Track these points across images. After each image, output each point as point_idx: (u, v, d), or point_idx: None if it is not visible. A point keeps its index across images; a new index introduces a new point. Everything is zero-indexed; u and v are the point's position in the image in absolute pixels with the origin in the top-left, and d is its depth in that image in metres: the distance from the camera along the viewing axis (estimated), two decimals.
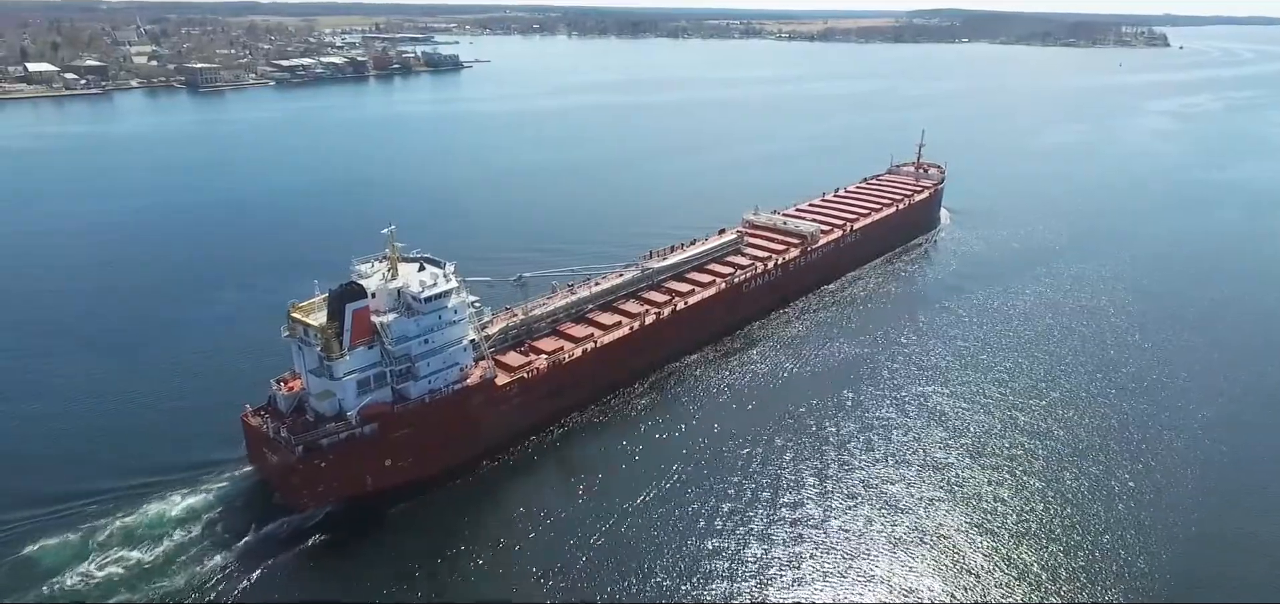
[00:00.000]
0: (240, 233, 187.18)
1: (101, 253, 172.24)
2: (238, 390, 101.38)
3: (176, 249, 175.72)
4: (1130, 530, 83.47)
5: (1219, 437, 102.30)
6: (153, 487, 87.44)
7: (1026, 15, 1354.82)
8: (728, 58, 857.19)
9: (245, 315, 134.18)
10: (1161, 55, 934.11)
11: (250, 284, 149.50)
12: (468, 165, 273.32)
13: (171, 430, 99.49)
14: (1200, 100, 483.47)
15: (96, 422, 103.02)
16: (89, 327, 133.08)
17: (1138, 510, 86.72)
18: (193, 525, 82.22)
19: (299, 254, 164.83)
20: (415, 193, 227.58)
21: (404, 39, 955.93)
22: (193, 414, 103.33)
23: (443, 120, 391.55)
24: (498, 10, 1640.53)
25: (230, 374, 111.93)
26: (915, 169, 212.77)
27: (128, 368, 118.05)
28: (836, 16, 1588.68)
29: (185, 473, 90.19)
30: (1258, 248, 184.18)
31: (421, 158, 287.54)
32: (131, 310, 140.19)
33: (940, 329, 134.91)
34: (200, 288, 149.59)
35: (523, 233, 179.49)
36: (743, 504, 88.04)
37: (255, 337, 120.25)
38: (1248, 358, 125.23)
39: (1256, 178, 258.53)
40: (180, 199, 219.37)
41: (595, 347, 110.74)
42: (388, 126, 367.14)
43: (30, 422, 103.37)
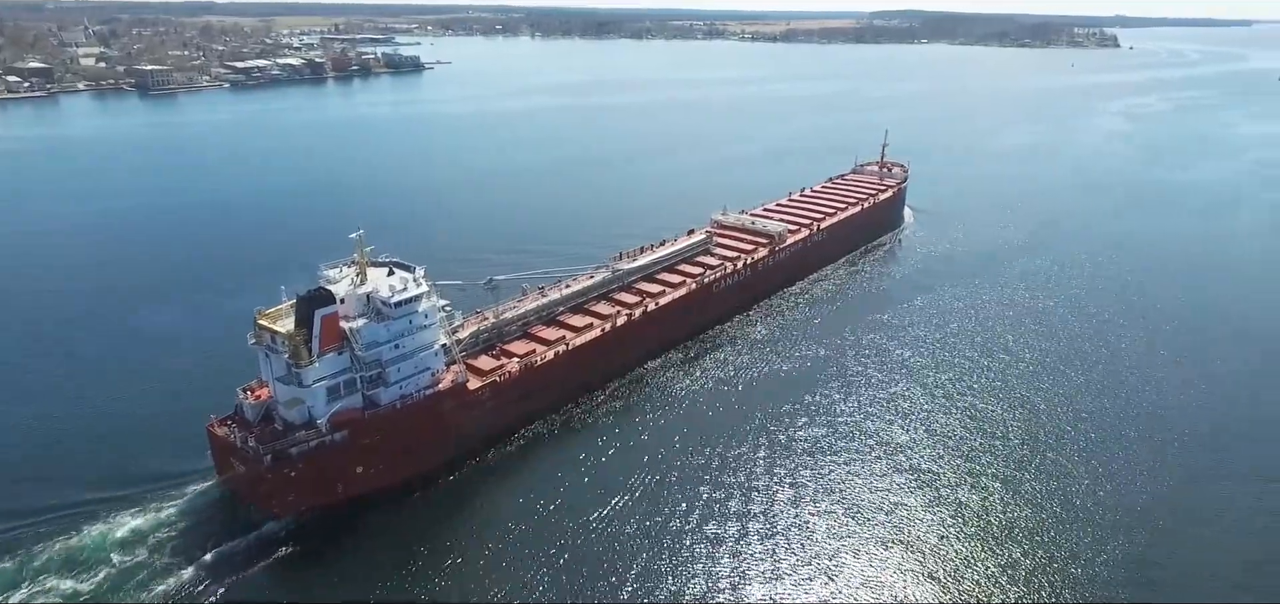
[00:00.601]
0: (200, 238, 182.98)
1: (51, 260, 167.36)
2: (202, 399, 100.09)
3: (133, 255, 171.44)
4: (1087, 528, 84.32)
5: (1173, 434, 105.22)
6: (115, 500, 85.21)
7: (983, 16, 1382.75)
8: (692, 59, 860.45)
9: (208, 322, 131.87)
10: (1113, 56, 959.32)
11: (213, 290, 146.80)
12: (433, 168, 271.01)
13: (134, 442, 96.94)
14: (1150, 101, 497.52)
15: (55, 434, 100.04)
16: (41, 336, 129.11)
17: (1095, 509, 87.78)
18: (161, 538, 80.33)
19: (262, 259, 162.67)
20: (381, 196, 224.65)
21: (364, 40, 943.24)
22: (155, 424, 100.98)
23: (405, 123, 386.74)
24: (460, 10, 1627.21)
25: (194, 383, 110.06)
26: (880, 168, 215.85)
27: (85, 378, 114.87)
28: (798, 17, 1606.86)
29: (150, 485, 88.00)
30: (1210, 249, 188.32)
31: (386, 161, 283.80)
32: (88, 319, 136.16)
33: (905, 329, 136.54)
34: (161, 294, 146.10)
35: (492, 235, 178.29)
36: (714, 508, 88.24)
37: (219, 344, 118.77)
38: (1201, 357, 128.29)
39: (1206, 179, 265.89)
40: (134, 204, 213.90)
41: (567, 349, 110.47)
42: (348, 129, 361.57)
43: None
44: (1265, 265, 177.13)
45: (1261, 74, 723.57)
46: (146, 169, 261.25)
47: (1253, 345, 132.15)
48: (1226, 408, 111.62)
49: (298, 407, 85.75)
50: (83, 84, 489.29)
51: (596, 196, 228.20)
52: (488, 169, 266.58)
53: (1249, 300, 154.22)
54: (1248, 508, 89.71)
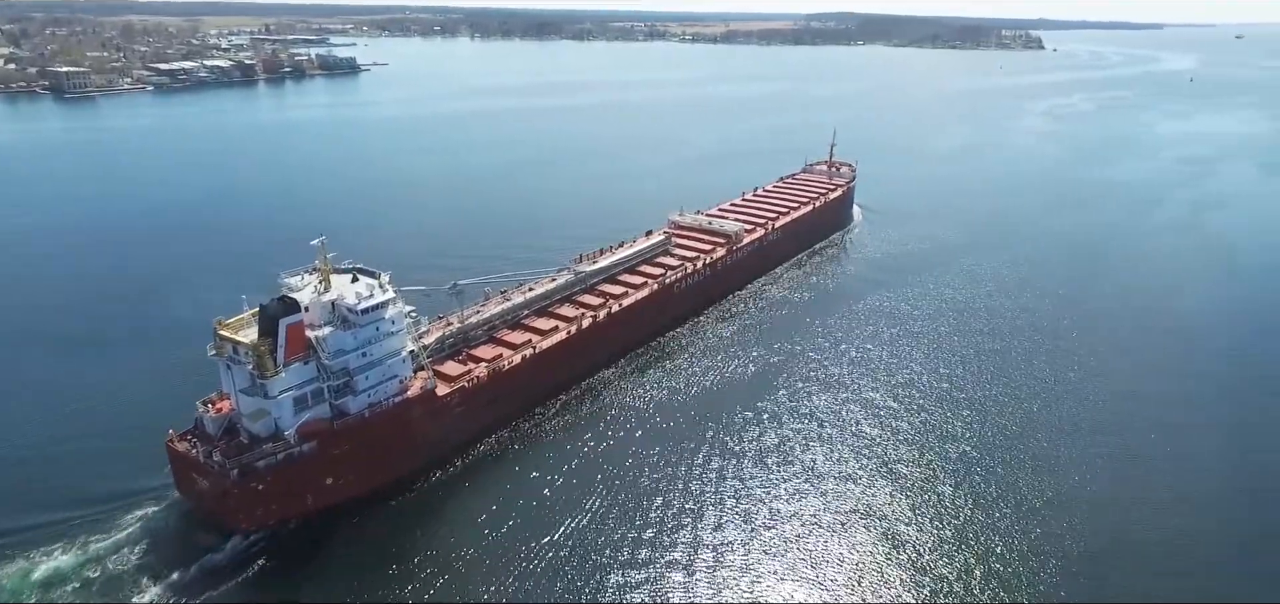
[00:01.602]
0: (141, 249, 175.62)
1: None
2: (156, 414, 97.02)
3: (67, 267, 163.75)
4: (1037, 530, 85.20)
5: (1113, 430, 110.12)
6: (71, 522, 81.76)
7: (916, 19, 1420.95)
8: (635, 60, 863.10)
9: (159, 335, 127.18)
10: (1038, 57, 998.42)
11: (160, 302, 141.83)
12: (381, 172, 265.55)
13: (85, 462, 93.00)
14: (1074, 101, 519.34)
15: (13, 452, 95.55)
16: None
17: (1043, 510, 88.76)
18: (119, 560, 77.42)
19: (212, 268, 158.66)
20: (332, 202, 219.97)
21: (296, 41, 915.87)
22: (107, 442, 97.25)
23: (345, 126, 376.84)
24: (397, 11, 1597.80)
25: (146, 397, 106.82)
26: (828, 168, 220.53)
27: (27, 397, 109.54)
28: (737, 18, 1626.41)
29: (104, 506, 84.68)
30: (1138, 243, 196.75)
31: (332, 165, 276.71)
32: (24, 336, 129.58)
33: (857, 329, 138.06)
34: (105, 308, 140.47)
35: (449, 239, 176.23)
36: (687, 509, 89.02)
37: (172, 357, 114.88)
38: (1135, 348, 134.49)
39: (1131, 176, 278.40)
40: (66, 214, 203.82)
41: (534, 352, 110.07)
42: (287, 133, 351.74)
43: None
44: (1189, 256, 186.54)
45: (1173, 74, 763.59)
46: (76, 177, 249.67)
47: (1178, 331, 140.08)
48: (1163, 397, 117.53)
49: (263, 419, 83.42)
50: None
51: (551, 199, 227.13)
52: (439, 173, 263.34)
53: (1176, 290, 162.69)
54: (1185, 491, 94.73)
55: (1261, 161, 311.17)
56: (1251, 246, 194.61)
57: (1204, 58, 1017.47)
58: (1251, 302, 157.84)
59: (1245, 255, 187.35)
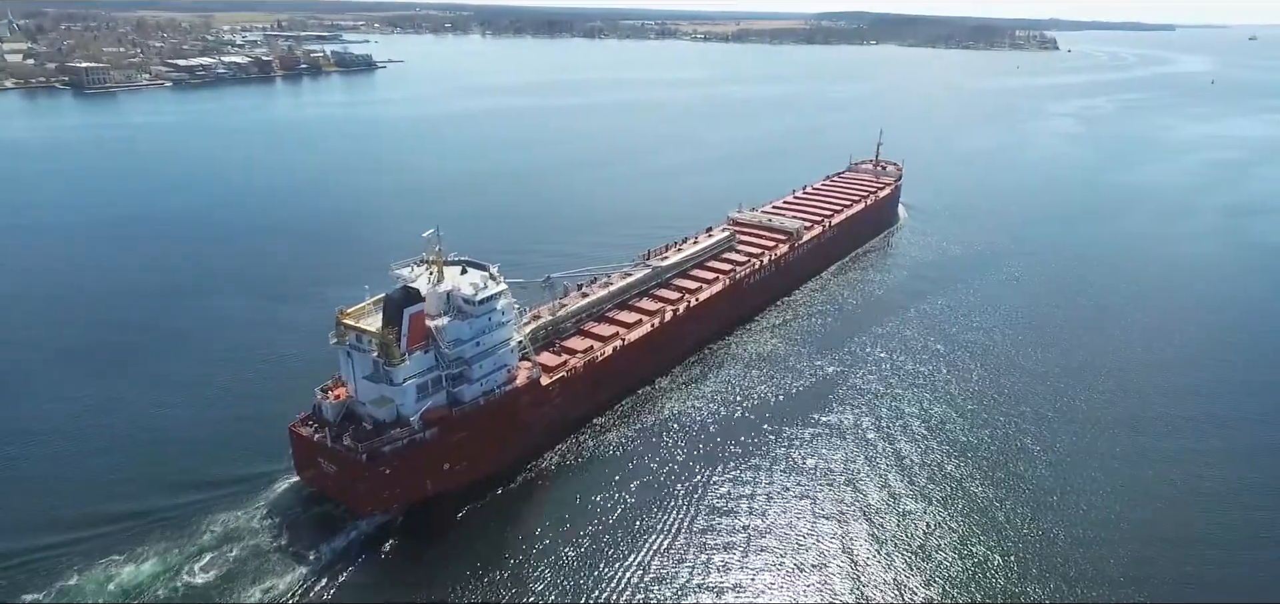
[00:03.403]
0: (202, 245, 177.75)
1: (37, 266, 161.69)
2: (265, 400, 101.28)
3: (140, 263, 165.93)
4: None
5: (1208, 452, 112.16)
6: (201, 503, 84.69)
7: (929, 18, 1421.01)
8: (648, 59, 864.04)
9: (253, 327, 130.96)
10: (1053, 58, 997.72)
11: (241, 294, 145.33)
12: (414, 170, 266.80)
13: (206, 446, 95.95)
14: (1098, 103, 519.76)
15: (121, 442, 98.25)
16: (65, 350, 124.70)
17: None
18: (257, 539, 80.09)
19: (267, 263, 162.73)
20: (385, 198, 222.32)
21: (310, 37, 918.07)
22: (217, 428, 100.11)
23: (370, 124, 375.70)
24: (408, 8, 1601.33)
25: (246, 387, 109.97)
26: (874, 166, 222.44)
27: (135, 385, 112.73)
28: (748, 17, 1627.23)
29: (229, 489, 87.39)
30: (1180, 249, 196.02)
31: (364, 162, 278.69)
32: (113, 327, 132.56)
33: (920, 332, 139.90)
34: (186, 301, 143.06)
35: (505, 237, 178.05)
36: (787, 496, 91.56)
37: (269, 347, 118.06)
38: (1199, 359, 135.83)
39: (1165, 180, 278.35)
40: (122, 210, 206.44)
41: (623, 344, 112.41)
42: (317, 130, 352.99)
43: (44, 443, 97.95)
44: (1236, 264, 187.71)
45: (1191, 76, 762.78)
46: (123, 173, 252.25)
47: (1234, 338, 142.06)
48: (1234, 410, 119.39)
49: (386, 406, 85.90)
50: (10, 82, 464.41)
51: (595, 197, 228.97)
52: (477, 170, 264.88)
53: (1227, 297, 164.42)
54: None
55: None
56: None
57: (1221, 59, 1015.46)
58: None
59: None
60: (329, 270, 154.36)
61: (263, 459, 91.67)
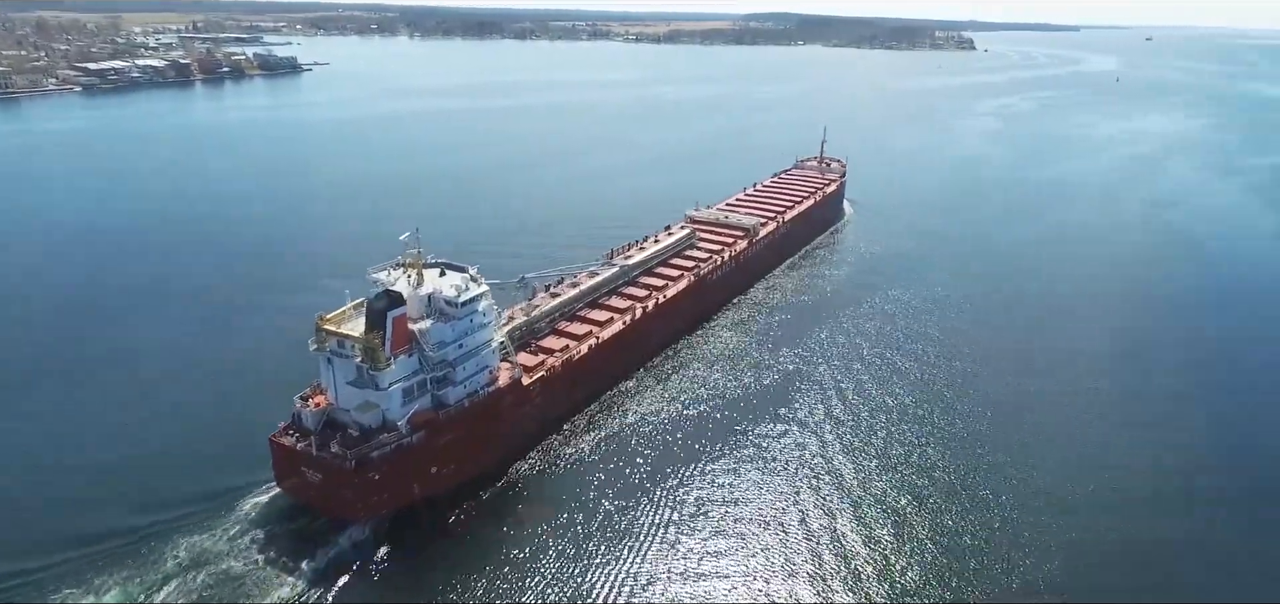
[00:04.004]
0: (153, 254, 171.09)
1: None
2: (228, 414, 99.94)
3: (80, 273, 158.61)
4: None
5: None
6: (175, 522, 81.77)
7: (853, 19, 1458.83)
8: (581, 59, 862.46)
9: (207, 339, 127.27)
10: (972, 58, 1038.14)
11: (199, 305, 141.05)
12: (368, 172, 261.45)
13: (178, 462, 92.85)
14: (1015, 101, 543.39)
15: (91, 460, 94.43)
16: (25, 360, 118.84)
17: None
18: (238, 556, 77.99)
19: (221, 272, 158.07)
20: (329, 202, 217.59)
21: (229, 40, 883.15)
22: (189, 443, 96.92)
23: (301, 128, 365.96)
24: (331, 8, 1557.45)
25: (220, 397, 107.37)
26: (819, 163, 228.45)
27: (90, 403, 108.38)
28: (678, 18, 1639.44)
29: (206, 505, 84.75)
30: (1106, 241, 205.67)
31: (309, 167, 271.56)
32: (55, 343, 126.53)
33: (883, 317, 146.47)
34: (136, 315, 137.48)
35: (476, 236, 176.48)
36: (762, 488, 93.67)
37: (229, 358, 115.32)
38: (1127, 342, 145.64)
39: (1084, 175, 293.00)
40: (47, 221, 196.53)
41: (598, 342, 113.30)
42: (248, 134, 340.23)
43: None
44: (1155, 252, 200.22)
45: (1100, 75, 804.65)
46: (46, 181, 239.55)
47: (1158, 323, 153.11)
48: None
49: (371, 411, 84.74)
50: None
51: (547, 198, 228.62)
52: (423, 173, 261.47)
53: (1150, 284, 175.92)
54: None
55: (1202, 160, 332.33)
56: (1209, 238, 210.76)
57: (1123, 59, 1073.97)
58: (1225, 290, 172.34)
59: (1206, 248, 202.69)
60: (287, 278, 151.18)
61: (240, 472, 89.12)
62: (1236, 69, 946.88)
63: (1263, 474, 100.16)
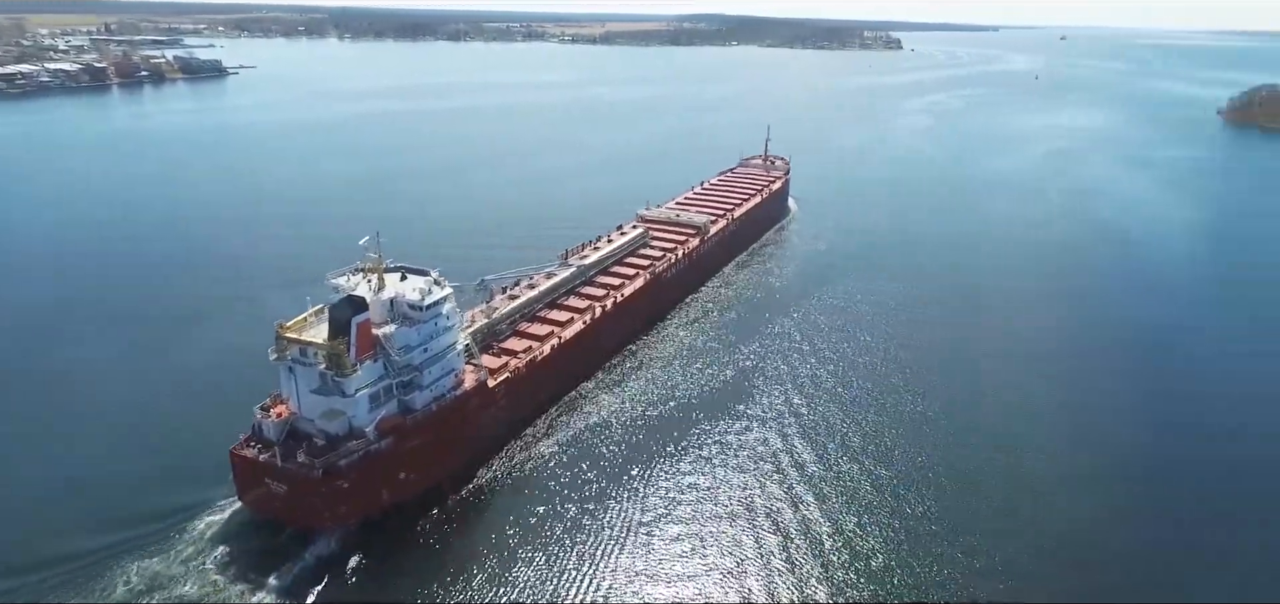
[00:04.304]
0: (92, 266, 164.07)
1: None
2: (183, 428, 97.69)
3: None
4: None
5: None
6: (133, 542, 79.24)
7: (785, 21, 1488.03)
8: (517, 61, 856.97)
9: (151, 355, 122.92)
10: (900, 57, 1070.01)
11: (136, 321, 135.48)
12: (308, 176, 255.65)
13: (131, 479, 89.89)
14: (944, 98, 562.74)
15: (32, 483, 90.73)
16: None
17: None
18: (200, 575, 75.86)
19: (184, 281, 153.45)
20: (270, 207, 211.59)
21: (146, 42, 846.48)
22: (153, 459, 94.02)
23: (236, 132, 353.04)
24: (255, 10, 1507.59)
25: (170, 413, 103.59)
26: (763, 162, 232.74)
27: (39, 423, 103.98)
28: (613, 19, 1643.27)
29: (165, 523, 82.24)
30: (1033, 231, 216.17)
31: (244, 173, 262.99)
32: None
33: (832, 311, 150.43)
34: (85, 330, 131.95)
35: (427, 239, 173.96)
36: (725, 484, 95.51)
37: (179, 372, 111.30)
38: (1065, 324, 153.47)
39: (1010, 169, 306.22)
40: None
41: (560, 342, 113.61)
42: (171, 140, 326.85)
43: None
44: (1079, 239, 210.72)
45: (1020, 73, 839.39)
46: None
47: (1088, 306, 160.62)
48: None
49: (337, 419, 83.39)
50: None
51: (496, 200, 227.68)
52: (367, 176, 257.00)
53: (1077, 271, 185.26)
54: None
55: (1118, 153, 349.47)
56: (1130, 225, 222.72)
57: (1040, 57, 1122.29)
58: (1146, 274, 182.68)
59: (1127, 233, 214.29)
60: (234, 288, 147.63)
61: (197, 488, 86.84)
62: (1140, 66, 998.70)
63: (1185, 445, 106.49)
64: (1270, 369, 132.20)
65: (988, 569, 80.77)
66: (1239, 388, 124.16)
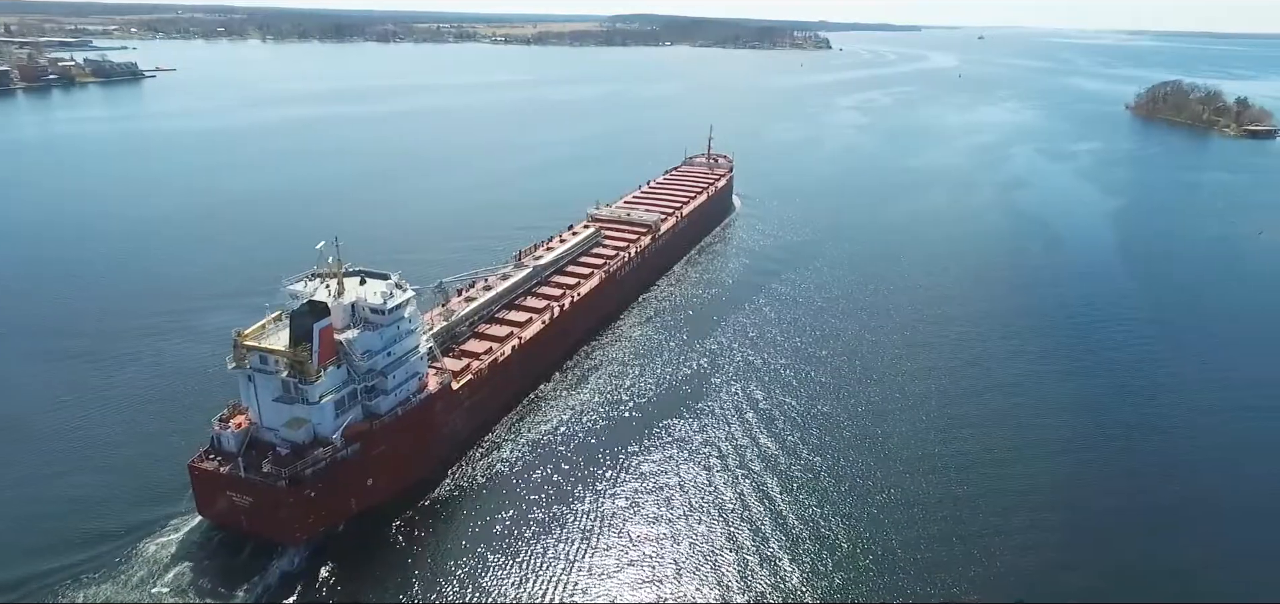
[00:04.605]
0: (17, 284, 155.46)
1: None
2: (146, 439, 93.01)
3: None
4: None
5: None
6: (91, 562, 76.09)
7: (716, 21, 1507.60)
8: (451, 63, 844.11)
9: (97, 371, 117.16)
10: (829, 56, 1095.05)
11: (83, 336, 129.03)
12: (246, 185, 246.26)
13: (82, 501, 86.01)
14: (875, 96, 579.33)
15: None
16: None
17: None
18: (161, 593, 73.19)
19: (120, 295, 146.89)
20: (202, 216, 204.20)
21: (53, 44, 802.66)
22: (96, 479, 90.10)
23: (165, 139, 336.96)
24: (169, 10, 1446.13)
25: (119, 431, 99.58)
26: (708, 160, 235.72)
27: None
28: (545, 20, 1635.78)
29: (121, 541, 79.08)
30: (968, 223, 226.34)
31: (165, 182, 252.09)
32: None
33: (782, 305, 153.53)
34: (19, 350, 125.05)
35: (392, 241, 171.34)
36: (688, 478, 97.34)
37: (125, 390, 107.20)
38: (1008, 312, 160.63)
39: (942, 162, 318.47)
40: None
41: (520, 342, 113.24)
42: (87, 148, 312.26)
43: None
44: (1012, 227, 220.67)
45: (943, 71, 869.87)
46: None
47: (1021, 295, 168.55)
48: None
49: (301, 427, 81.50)
50: None
51: (443, 203, 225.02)
52: (310, 180, 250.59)
53: (1011, 257, 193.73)
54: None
55: (1038, 146, 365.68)
56: (1054, 213, 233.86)
57: (961, 56, 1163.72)
58: (1070, 257, 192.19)
59: (1052, 221, 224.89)
60: (176, 301, 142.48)
61: (150, 506, 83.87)
62: (1055, 65, 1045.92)
63: (1109, 415, 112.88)
64: (1173, 337, 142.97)
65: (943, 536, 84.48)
66: (1154, 357, 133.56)
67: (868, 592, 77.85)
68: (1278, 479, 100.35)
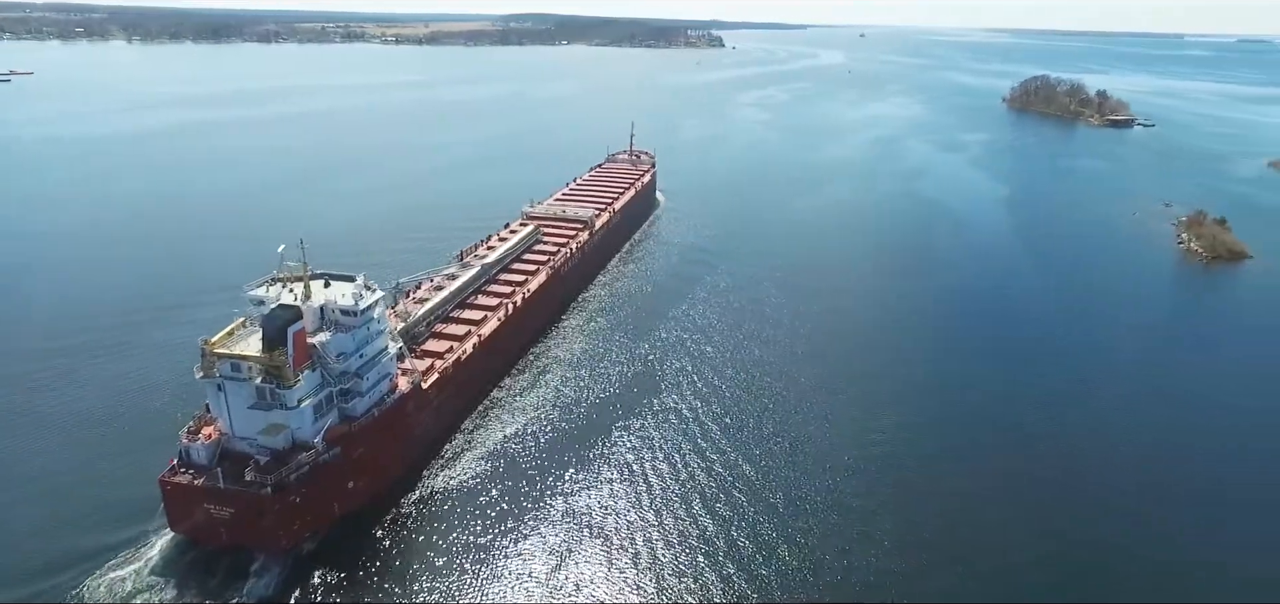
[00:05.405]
0: None
1: None
2: (103, 457, 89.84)
3: None
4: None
5: None
6: (57, 590, 72.14)
7: (611, 20, 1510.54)
8: (339, 64, 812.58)
9: (44, 392, 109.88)
10: (724, 54, 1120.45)
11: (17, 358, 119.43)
12: (133, 193, 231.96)
13: (42, 526, 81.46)
14: (772, 92, 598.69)
15: None
16: None
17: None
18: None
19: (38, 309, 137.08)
20: (128, 227, 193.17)
21: None
22: (57, 504, 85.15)
23: (41, 147, 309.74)
24: (16, 8, 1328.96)
25: (82, 441, 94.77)
26: (630, 157, 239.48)
27: None
28: (436, 19, 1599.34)
29: (89, 563, 75.35)
30: (876, 212, 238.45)
31: (85, 191, 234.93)
32: None
33: (716, 298, 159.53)
34: None
35: (327, 245, 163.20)
36: (658, 466, 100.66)
37: (77, 409, 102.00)
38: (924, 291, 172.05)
39: (842, 156, 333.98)
40: None
41: (480, 339, 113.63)
42: None
43: None
44: (917, 215, 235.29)
45: (833, 68, 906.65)
46: None
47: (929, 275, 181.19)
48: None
49: (279, 433, 79.86)
50: None
51: (374, 205, 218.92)
52: (232, 187, 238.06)
53: (918, 240, 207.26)
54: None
55: (930, 138, 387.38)
56: (949, 199, 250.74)
57: (847, 54, 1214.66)
58: (968, 239, 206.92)
59: (951, 209, 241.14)
60: (106, 315, 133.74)
61: (119, 526, 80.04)
62: (933, 61, 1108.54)
63: (1015, 392, 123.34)
64: (1062, 304, 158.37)
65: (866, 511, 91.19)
66: (1049, 325, 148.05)
67: (865, 579, 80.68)
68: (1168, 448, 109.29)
